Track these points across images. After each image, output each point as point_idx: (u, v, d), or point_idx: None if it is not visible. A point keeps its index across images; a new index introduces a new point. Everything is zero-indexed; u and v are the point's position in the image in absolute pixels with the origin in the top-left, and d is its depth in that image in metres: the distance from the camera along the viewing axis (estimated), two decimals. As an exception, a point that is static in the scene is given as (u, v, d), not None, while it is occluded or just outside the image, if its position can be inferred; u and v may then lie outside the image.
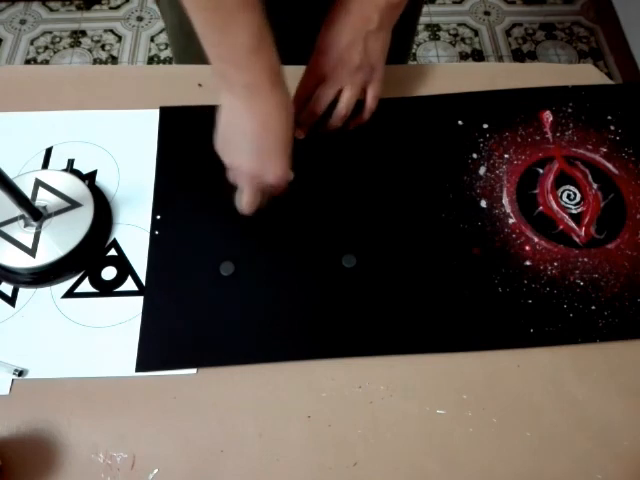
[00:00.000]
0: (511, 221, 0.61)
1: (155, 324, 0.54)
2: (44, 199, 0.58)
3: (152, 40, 1.81)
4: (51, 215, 0.58)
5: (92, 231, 0.57)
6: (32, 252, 0.55)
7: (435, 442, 0.50)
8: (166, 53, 1.78)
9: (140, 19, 1.85)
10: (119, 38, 1.82)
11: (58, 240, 0.56)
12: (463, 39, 1.85)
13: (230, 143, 0.54)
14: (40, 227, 0.57)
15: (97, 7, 1.90)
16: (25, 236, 0.56)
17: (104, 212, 0.60)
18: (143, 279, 0.57)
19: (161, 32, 1.82)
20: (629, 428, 0.51)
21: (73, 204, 0.58)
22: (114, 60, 1.77)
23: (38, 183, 0.59)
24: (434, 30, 1.87)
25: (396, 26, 0.58)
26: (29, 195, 0.58)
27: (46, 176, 0.60)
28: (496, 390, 0.52)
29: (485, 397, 0.52)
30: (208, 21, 0.47)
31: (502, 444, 0.50)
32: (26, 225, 0.57)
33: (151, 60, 1.77)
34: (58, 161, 0.64)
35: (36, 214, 0.57)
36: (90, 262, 0.58)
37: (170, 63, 1.72)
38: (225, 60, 0.49)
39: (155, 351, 0.53)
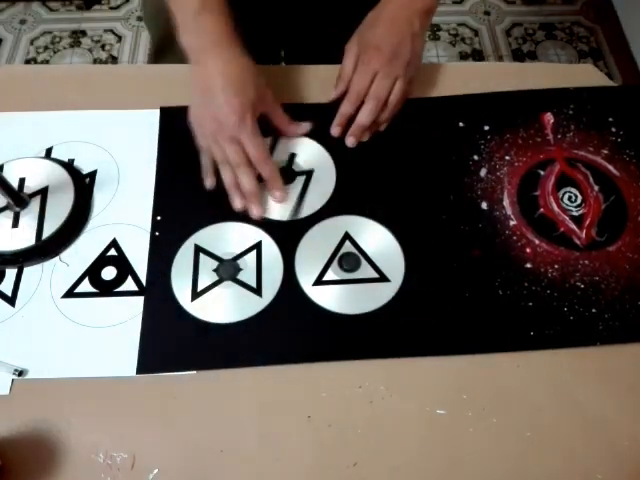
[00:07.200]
0: (512, 223, 0.60)
1: (155, 325, 0.54)
2: (28, 187, 0.60)
3: (152, 40, 1.81)
4: (32, 200, 0.60)
5: (73, 213, 0.59)
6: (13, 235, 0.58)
7: (435, 442, 0.50)
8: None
9: (140, 19, 1.85)
10: (119, 38, 1.82)
11: (40, 222, 0.58)
12: (463, 39, 1.85)
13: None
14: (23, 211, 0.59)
15: (97, 7, 1.90)
16: (8, 221, 0.58)
17: (84, 196, 0.61)
18: (143, 279, 0.56)
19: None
20: (629, 428, 0.51)
21: (56, 189, 0.60)
22: (114, 60, 1.77)
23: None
24: (434, 30, 1.87)
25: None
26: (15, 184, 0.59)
27: (28, 164, 0.62)
28: (496, 390, 0.52)
29: (485, 397, 0.52)
30: None
31: (502, 444, 0.50)
32: (9, 210, 0.59)
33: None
34: (58, 161, 0.64)
35: (20, 201, 0.59)
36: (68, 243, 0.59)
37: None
38: (179, 26, 0.56)
39: (156, 353, 0.53)
